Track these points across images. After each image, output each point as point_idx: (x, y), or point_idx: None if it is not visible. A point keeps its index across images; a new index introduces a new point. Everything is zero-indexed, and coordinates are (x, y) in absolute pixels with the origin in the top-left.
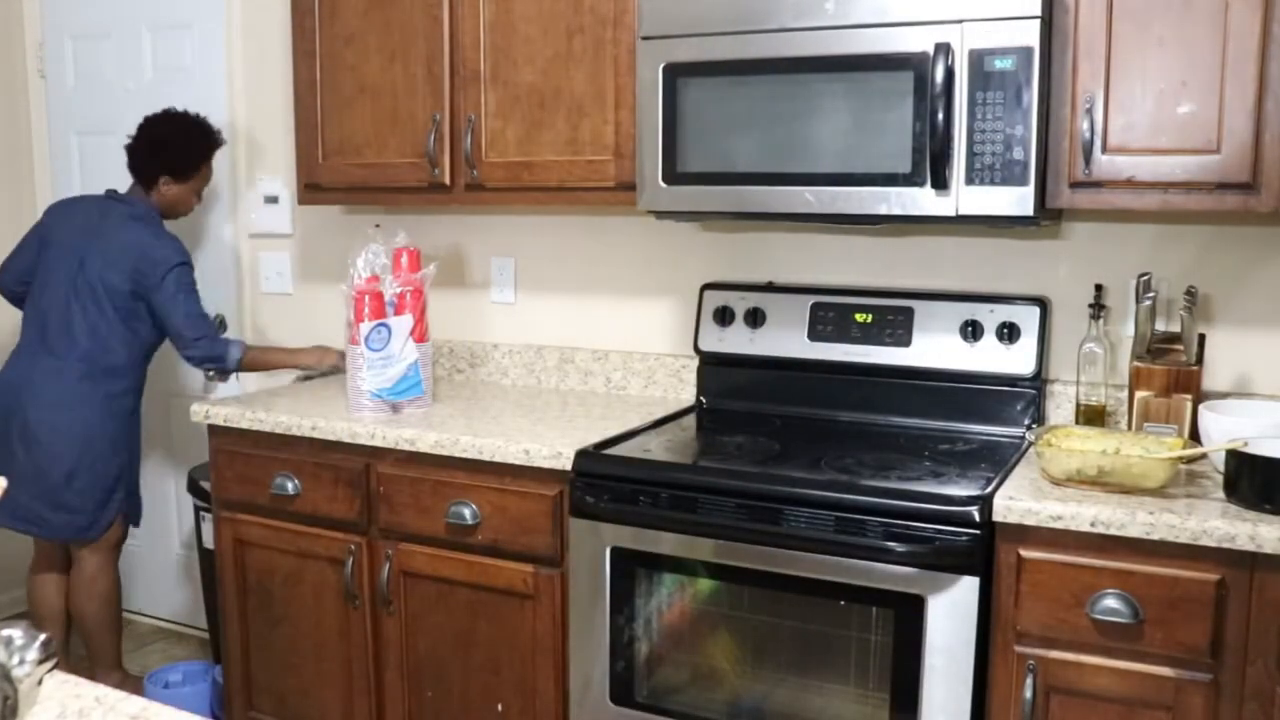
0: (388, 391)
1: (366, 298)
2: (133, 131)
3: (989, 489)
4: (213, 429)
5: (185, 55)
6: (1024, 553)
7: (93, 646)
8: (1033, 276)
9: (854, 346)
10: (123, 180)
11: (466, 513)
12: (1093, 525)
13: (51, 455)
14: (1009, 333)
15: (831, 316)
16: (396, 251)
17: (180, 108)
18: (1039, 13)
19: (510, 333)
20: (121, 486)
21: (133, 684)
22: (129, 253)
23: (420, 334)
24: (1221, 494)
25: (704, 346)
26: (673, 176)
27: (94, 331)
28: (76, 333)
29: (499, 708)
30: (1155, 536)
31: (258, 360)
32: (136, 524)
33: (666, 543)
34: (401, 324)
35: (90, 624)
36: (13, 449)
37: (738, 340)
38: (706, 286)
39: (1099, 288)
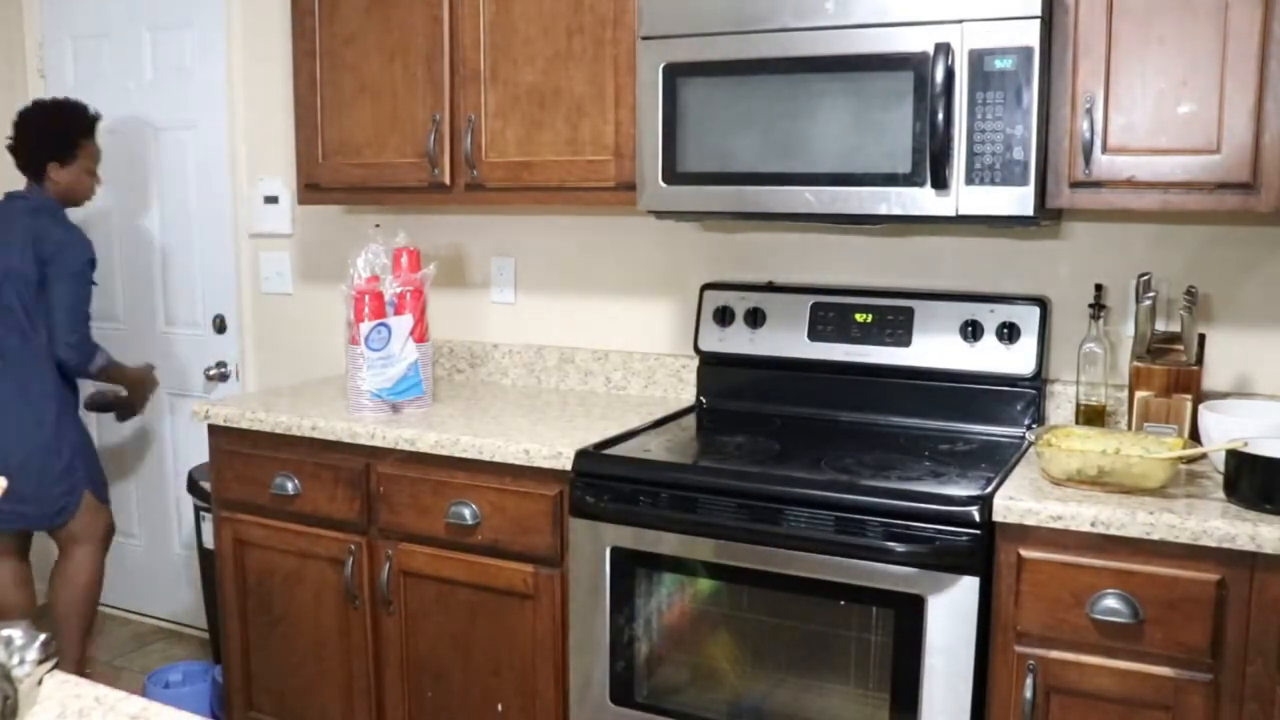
0: (388, 391)
1: (366, 298)
2: (9, 134)
3: (989, 489)
4: (213, 429)
5: (185, 55)
6: (1024, 553)
7: (59, 637)
8: (1033, 276)
9: (854, 346)
10: (114, 180)
11: (466, 513)
12: (1093, 525)
13: None
14: (1009, 333)
15: (831, 316)
16: (396, 251)
17: (48, 98)
18: (1039, 13)
19: (510, 333)
20: (80, 463)
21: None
22: (33, 240)
23: (420, 334)
24: (1221, 494)
25: (704, 346)
26: (673, 176)
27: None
28: None
29: (499, 708)
30: (1155, 536)
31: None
32: (105, 499)
33: (666, 543)
34: (401, 324)
35: (61, 611)
36: None
37: (738, 340)
38: (706, 286)
39: (1099, 288)
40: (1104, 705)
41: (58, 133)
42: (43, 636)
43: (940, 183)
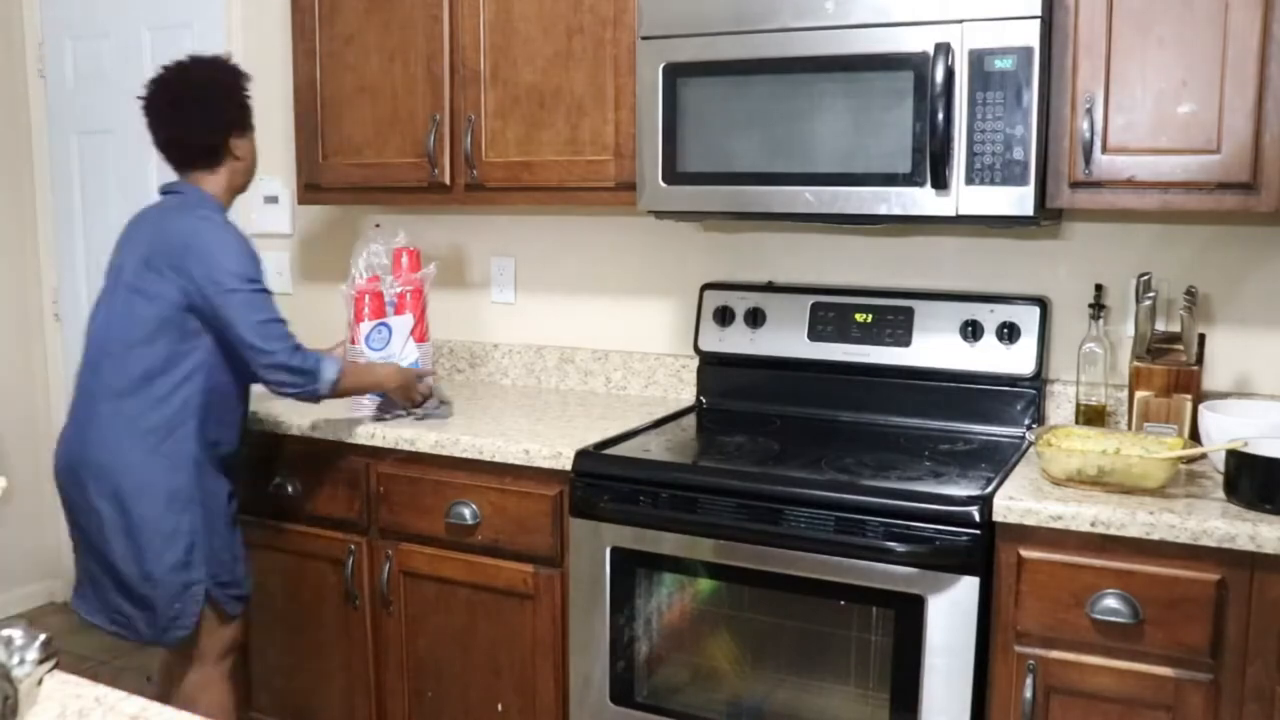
0: None
1: (367, 297)
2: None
3: (989, 489)
4: None
5: (185, 55)
6: (1024, 553)
7: None
8: (1033, 276)
9: (854, 346)
10: (119, 179)
11: (466, 513)
12: (1093, 525)
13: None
14: (1009, 333)
15: (831, 316)
16: (396, 251)
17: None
18: (1039, 13)
19: (510, 333)
20: (197, 558)
21: None
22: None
23: (420, 334)
24: (1221, 494)
25: (704, 346)
26: (673, 176)
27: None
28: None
29: (499, 707)
30: (1155, 536)
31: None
32: (236, 614)
33: (666, 543)
34: (402, 324)
35: None
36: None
37: (738, 340)
38: (706, 286)
39: (1099, 288)
40: (1104, 705)
41: (230, 92)
42: (43, 636)
43: (940, 183)
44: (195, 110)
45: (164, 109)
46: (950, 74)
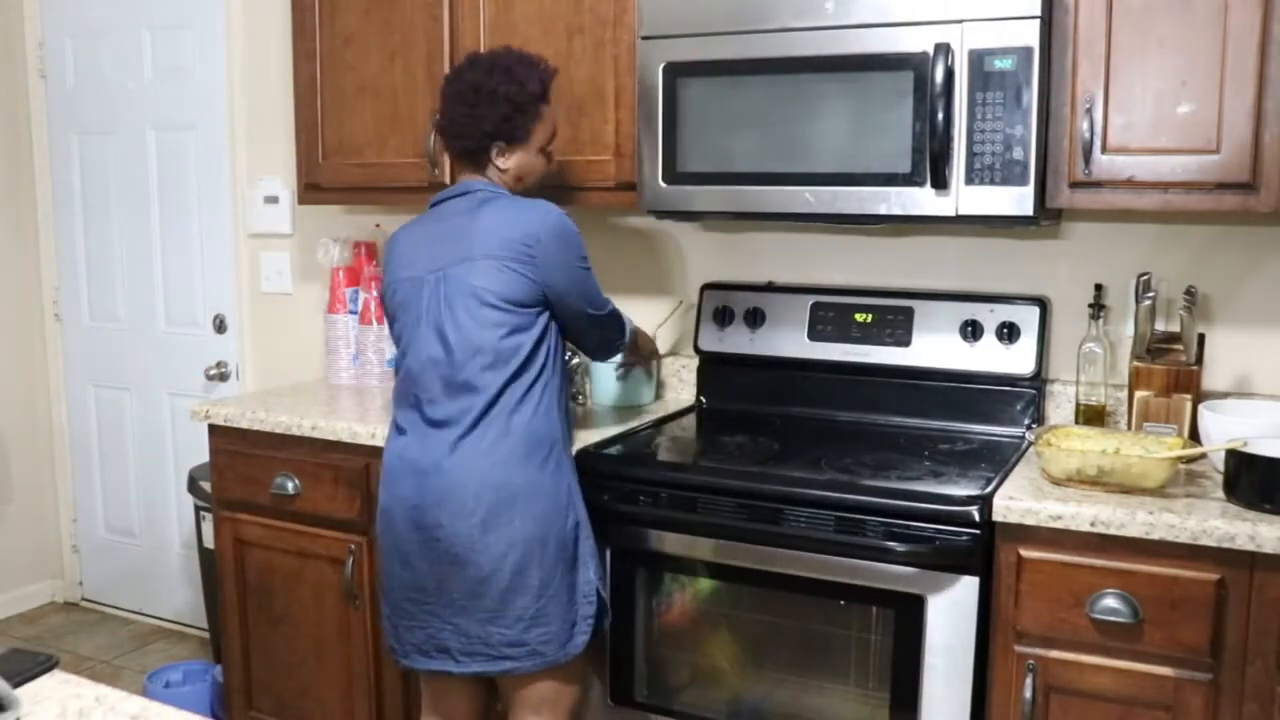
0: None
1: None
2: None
3: (989, 489)
4: (213, 429)
5: (185, 55)
6: (1024, 552)
7: None
8: (1033, 276)
9: (854, 346)
10: (119, 179)
11: None
12: (1092, 525)
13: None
14: (1009, 333)
15: (831, 316)
16: (355, 245)
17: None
18: (1039, 13)
19: None
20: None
21: None
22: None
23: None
24: (1221, 494)
25: (704, 346)
26: (673, 176)
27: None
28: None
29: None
30: (1155, 536)
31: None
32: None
33: (666, 543)
34: None
35: None
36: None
37: (738, 340)
38: (706, 286)
39: (1099, 288)
40: (1104, 705)
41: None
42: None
43: (940, 183)
44: (467, 113)
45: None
46: (950, 74)
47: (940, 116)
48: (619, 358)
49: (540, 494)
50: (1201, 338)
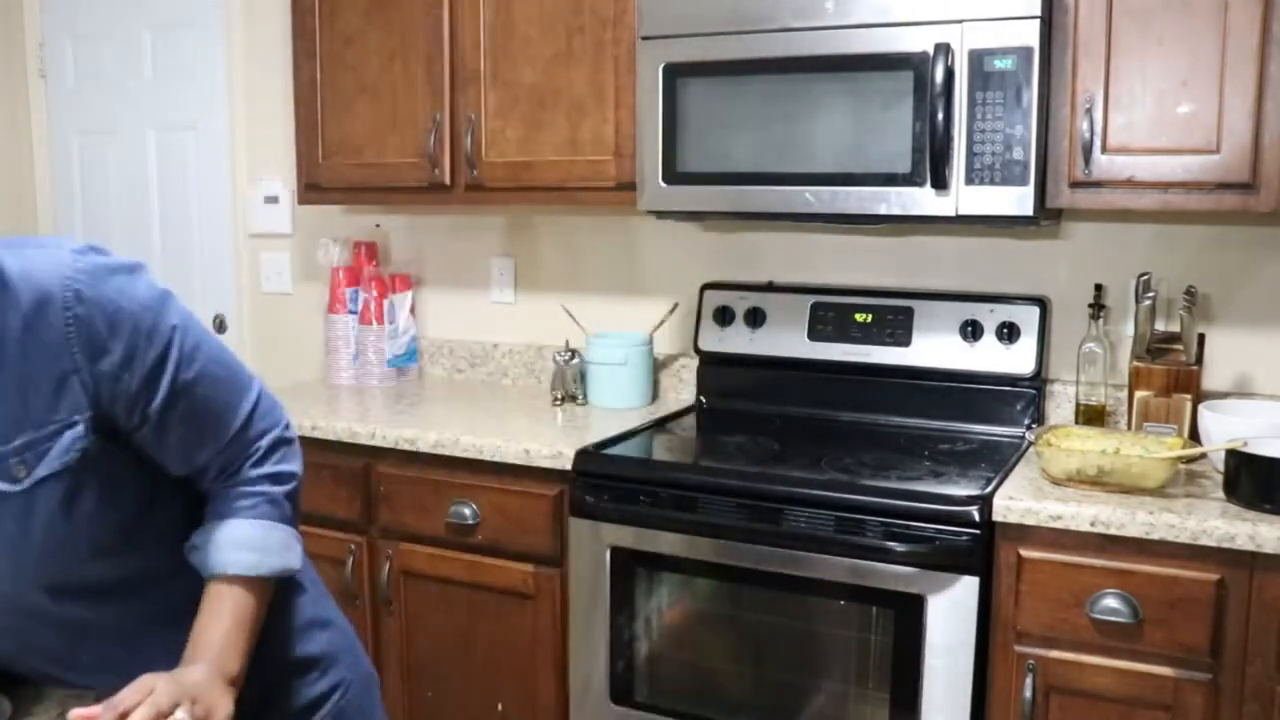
0: (402, 359)
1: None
2: None
3: (989, 489)
4: None
5: (185, 55)
6: (1024, 552)
7: None
8: (1033, 276)
9: (854, 346)
10: (119, 179)
11: (467, 512)
12: (1092, 525)
13: None
14: (1009, 333)
15: (831, 316)
16: (355, 244)
17: None
18: (1039, 13)
19: (510, 333)
20: None
21: None
22: None
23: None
24: (1221, 494)
25: (704, 346)
26: (673, 176)
27: None
28: None
29: (499, 707)
30: (1155, 536)
31: None
32: None
33: (666, 543)
34: (403, 300)
35: None
36: None
37: (738, 340)
38: (706, 286)
39: (1099, 288)
40: (1104, 705)
41: None
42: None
43: (940, 183)
44: None
45: None
46: (950, 74)
47: (940, 116)
48: None
49: None
50: (1201, 338)
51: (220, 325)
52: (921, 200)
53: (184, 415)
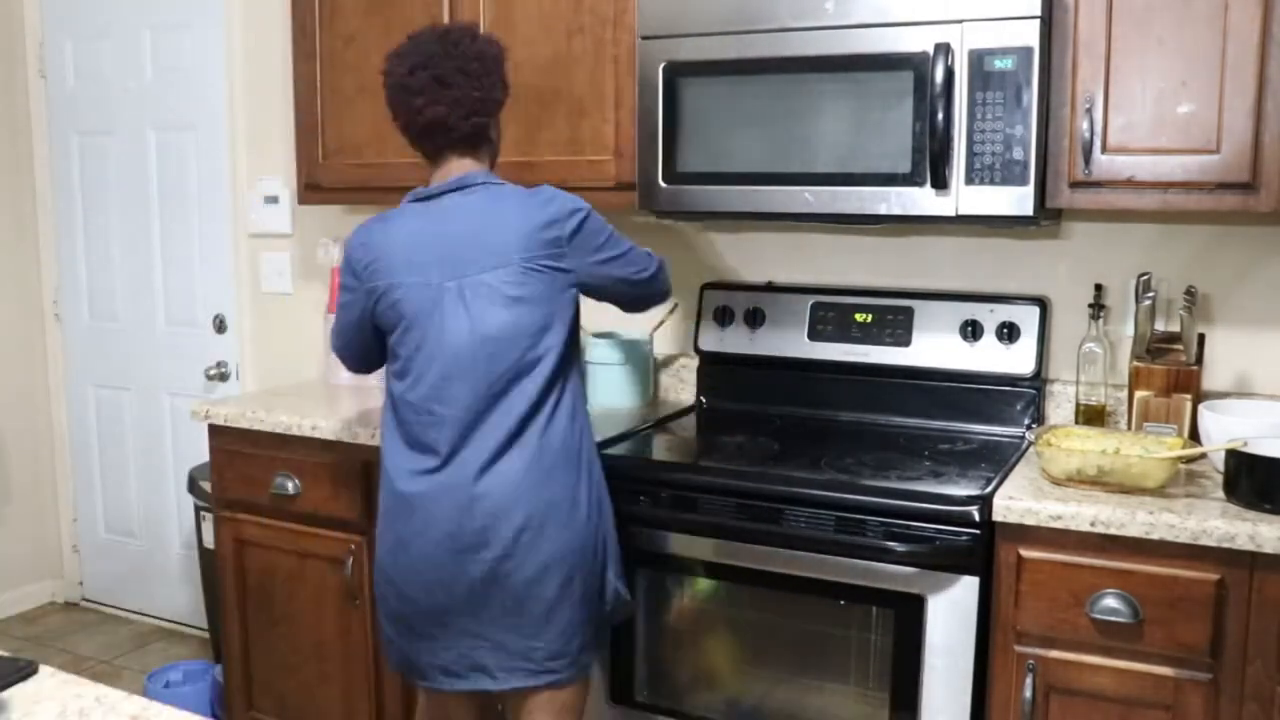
0: None
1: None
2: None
3: (989, 489)
4: (213, 429)
5: (185, 55)
6: (1024, 552)
7: None
8: (1033, 276)
9: (854, 346)
10: (119, 179)
11: None
12: (1092, 525)
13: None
14: (1009, 333)
15: (831, 316)
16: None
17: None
18: (1039, 13)
19: None
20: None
21: None
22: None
23: None
24: (1221, 494)
25: (704, 346)
26: (673, 176)
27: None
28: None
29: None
30: (1155, 536)
31: None
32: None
33: (667, 543)
34: None
35: None
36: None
37: (738, 340)
38: (706, 286)
39: (1099, 288)
40: (1104, 705)
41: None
42: None
43: (940, 183)
44: (473, 85)
45: (437, 83)
46: (950, 74)
47: (940, 116)
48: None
49: (577, 504)
50: (1201, 338)
51: (220, 325)
52: (921, 200)
53: None
